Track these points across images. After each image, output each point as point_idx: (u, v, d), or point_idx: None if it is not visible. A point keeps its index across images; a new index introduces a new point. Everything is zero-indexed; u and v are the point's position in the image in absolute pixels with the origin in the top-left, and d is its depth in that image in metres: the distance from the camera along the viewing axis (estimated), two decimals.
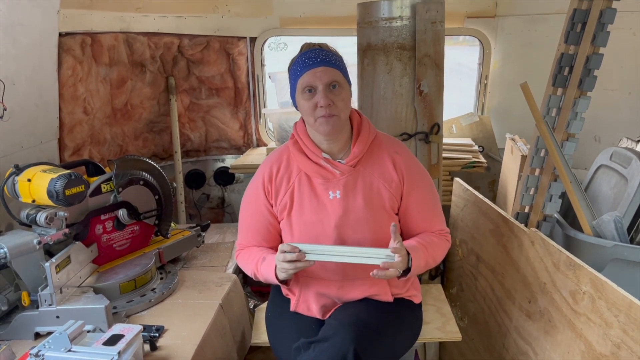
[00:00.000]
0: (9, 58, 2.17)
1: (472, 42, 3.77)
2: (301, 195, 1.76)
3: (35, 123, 2.45)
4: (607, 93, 3.30)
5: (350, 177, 1.73)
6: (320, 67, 1.64)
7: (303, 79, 1.66)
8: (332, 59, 1.68)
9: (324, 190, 1.74)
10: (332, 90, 1.65)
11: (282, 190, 1.78)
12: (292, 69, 1.72)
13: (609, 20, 2.21)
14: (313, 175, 1.75)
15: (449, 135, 3.69)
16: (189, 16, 3.42)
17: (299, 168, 1.77)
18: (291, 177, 1.78)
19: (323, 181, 1.74)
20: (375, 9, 2.40)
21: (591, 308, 1.64)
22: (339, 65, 1.69)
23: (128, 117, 3.34)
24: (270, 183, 1.79)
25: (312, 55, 1.66)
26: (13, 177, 1.89)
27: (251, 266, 1.81)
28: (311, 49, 1.70)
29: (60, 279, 1.80)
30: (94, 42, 2.89)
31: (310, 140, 1.76)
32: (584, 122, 2.32)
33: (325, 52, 1.69)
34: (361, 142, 1.74)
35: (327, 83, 1.64)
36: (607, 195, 2.48)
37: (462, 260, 2.69)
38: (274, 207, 1.80)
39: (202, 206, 3.95)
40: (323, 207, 1.74)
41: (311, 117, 1.67)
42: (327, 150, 1.75)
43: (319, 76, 1.64)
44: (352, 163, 1.73)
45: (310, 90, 1.65)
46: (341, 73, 1.69)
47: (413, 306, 1.88)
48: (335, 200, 1.73)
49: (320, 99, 1.63)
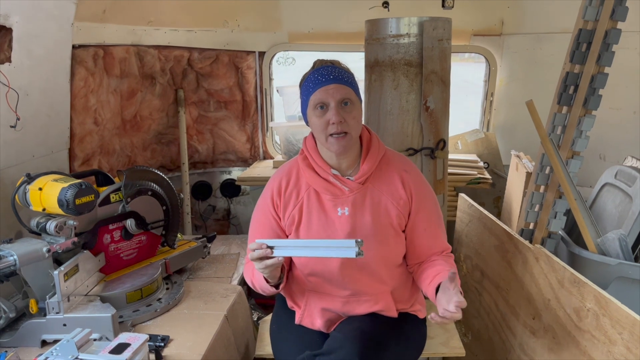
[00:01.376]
0: (24, 69, 2.22)
1: (478, 58, 3.81)
2: (309, 211, 1.76)
3: (47, 133, 2.49)
4: (612, 112, 3.32)
5: (358, 194, 1.74)
6: (333, 85, 1.65)
7: (315, 96, 1.67)
8: (344, 76, 1.69)
9: (332, 207, 1.75)
10: (344, 108, 1.66)
11: (291, 205, 1.78)
12: (304, 85, 1.72)
13: (614, 41, 2.24)
14: (322, 191, 1.76)
15: (454, 151, 3.72)
16: (199, 30, 3.48)
17: (308, 184, 1.78)
18: (300, 192, 1.78)
19: (332, 197, 1.75)
20: (383, 26, 2.44)
21: (595, 325, 1.64)
22: (351, 83, 1.70)
23: (137, 128, 3.39)
24: (279, 196, 1.80)
25: (325, 72, 1.67)
26: (24, 185, 1.92)
27: (249, 275, 1.81)
28: (324, 65, 1.71)
29: (68, 287, 1.83)
30: (106, 55, 2.94)
31: (319, 157, 1.77)
32: (589, 141, 2.34)
33: (337, 69, 1.70)
34: (370, 160, 1.75)
35: (339, 100, 1.65)
36: (611, 213, 2.49)
37: (466, 275, 2.69)
38: (281, 221, 1.81)
39: (207, 217, 3.97)
40: (331, 224, 1.74)
41: (322, 134, 1.68)
42: (336, 167, 1.76)
43: (331, 93, 1.65)
44: (361, 180, 1.74)
45: (322, 107, 1.66)
46: (353, 90, 1.70)
47: (417, 321, 1.88)
48: (344, 217, 1.73)
49: (332, 115, 1.64)
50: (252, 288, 1.83)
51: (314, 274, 1.77)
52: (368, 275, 1.75)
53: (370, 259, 1.72)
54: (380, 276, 1.76)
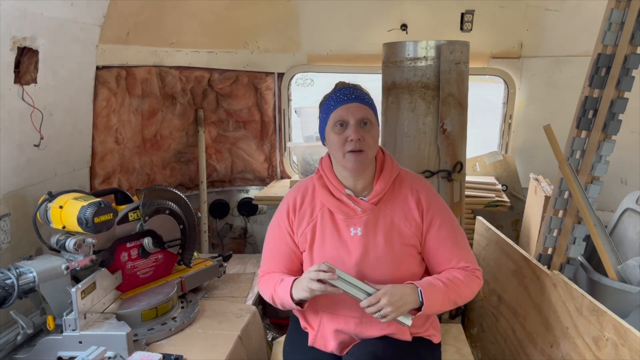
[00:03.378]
0: (48, 89, 2.28)
1: (496, 79, 3.80)
2: (323, 230, 1.78)
3: (69, 151, 2.54)
4: (634, 136, 3.27)
5: (371, 215, 1.75)
6: (354, 103, 1.70)
7: (336, 113, 1.70)
8: (365, 97, 1.74)
9: (345, 227, 1.76)
10: (363, 127, 1.69)
11: (305, 222, 1.80)
12: (325, 103, 1.76)
13: (634, 66, 2.23)
14: (335, 211, 1.77)
15: (472, 173, 3.69)
16: (220, 51, 3.54)
17: (323, 202, 1.80)
18: (314, 211, 1.80)
19: (344, 217, 1.76)
20: (401, 49, 2.46)
21: (614, 355, 1.61)
22: (371, 104, 1.75)
23: (157, 147, 3.44)
24: (294, 212, 1.82)
25: (347, 92, 1.73)
26: (46, 203, 1.96)
27: (270, 289, 1.81)
28: (346, 86, 1.77)
29: (85, 304, 1.85)
30: (129, 75, 3.01)
31: (334, 176, 1.79)
32: (610, 165, 2.31)
33: (358, 90, 1.76)
34: (384, 180, 1.76)
35: (359, 119, 1.68)
36: (632, 239, 2.44)
37: (483, 300, 2.65)
38: (295, 237, 1.82)
39: (224, 236, 3.99)
40: (344, 244, 1.75)
41: (340, 151, 1.70)
42: (351, 187, 1.77)
43: (352, 111, 1.69)
44: (374, 201, 1.75)
45: (342, 125, 1.69)
46: (372, 112, 1.74)
47: (432, 346, 1.86)
48: (356, 237, 1.74)
49: (351, 133, 1.67)
50: (269, 302, 1.83)
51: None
52: None
53: (384, 279, 1.71)
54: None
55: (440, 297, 1.66)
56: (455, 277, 1.72)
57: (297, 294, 1.68)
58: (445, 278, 1.71)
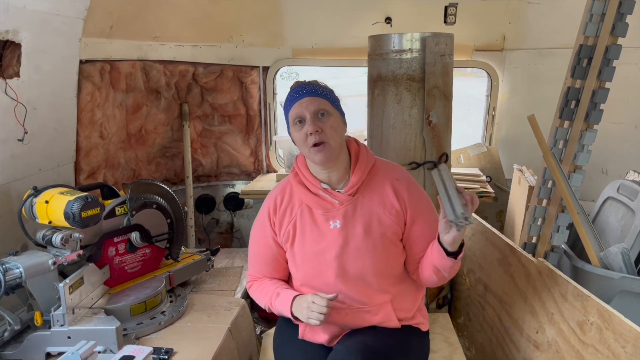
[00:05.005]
0: (32, 83, 2.25)
1: (480, 73, 3.84)
2: (303, 227, 1.79)
3: (53, 146, 2.52)
4: (614, 126, 3.34)
5: (349, 206, 1.76)
6: (306, 98, 1.70)
7: (292, 111, 1.72)
8: (318, 90, 1.73)
9: (324, 221, 1.77)
10: (320, 118, 1.69)
11: (285, 222, 1.82)
12: (284, 105, 1.78)
13: (615, 56, 2.26)
14: (313, 206, 1.78)
15: (457, 165, 3.73)
16: (204, 45, 3.53)
17: (301, 200, 1.81)
18: (294, 209, 1.81)
19: (323, 212, 1.77)
20: (386, 41, 2.47)
21: (599, 339, 1.64)
22: (325, 95, 1.74)
23: (142, 142, 3.42)
24: (275, 213, 1.83)
25: (299, 89, 1.73)
26: (31, 198, 1.94)
27: (265, 301, 1.84)
28: (299, 85, 1.77)
29: (72, 299, 1.83)
30: (113, 69, 2.98)
31: (309, 172, 1.79)
32: (591, 155, 2.35)
33: (312, 85, 1.75)
34: (359, 171, 1.77)
35: (313, 111, 1.69)
36: (614, 227, 2.49)
37: (469, 289, 2.69)
38: (278, 237, 1.84)
39: (211, 231, 3.98)
40: (324, 238, 1.76)
41: (305, 147, 1.71)
42: (326, 181, 1.78)
43: (305, 106, 1.69)
44: (351, 192, 1.76)
45: (301, 121, 1.70)
46: (329, 102, 1.73)
47: (420, 334, 1.88)
48: (336, 230, 1.75)
49: (308, 126, 1.68)
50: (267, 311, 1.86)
51: (313, 286, 1.78)
52: (366, 286, 1.76)
53: (365, 269, 1.74)
54: (378, 286, 1.77)
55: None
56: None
57: (298, 313, 1.70)
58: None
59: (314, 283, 1.78)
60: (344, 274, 1.74)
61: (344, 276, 1.74)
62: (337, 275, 1.74)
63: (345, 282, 1.74)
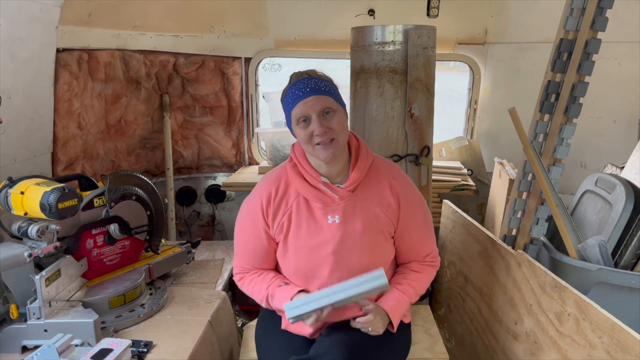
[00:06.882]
0: (7, 72, 2.20)
1: (462, 67, 3.85)
2: (299, 219, 1.77)
3: (30, 136, 2.46)
4: (593, 121, 3.38)
5: (349, 202, 1.75)
6: (311, 97, 1.66)
7: (296, 111, 1.68)
8: (321, 86, 1.69)
9: (322, 215, 1.75)
10: (326, 117, 1.67)
11: (280, 213, 1.78)
12: (285, 100, 1.73)
13: (594, 50, 2.28)
14: (312, 199, 1.76)
15: (438, 158, 3.75)
16: (185, 35, 3.48)
17: (297, 191, 1.78)
18: (289, 201, 1.78)
19: (322, 205, 1.75)
20: (369, 33, 2.46)
21: (576, 329, 1.67)
22: (329, 91, 1.70)
23: (122, 133, 3.36)
24: (269, 205, 1.79)
25: (302, 86, 1.68)
26: (6, 189, 1.90)
27: (258, 298, 1.83)
28: (300, 78, 1.71)
29: (49, 292, 1.80)
30: (91, 59, 2.92)
31: (308, 164, 1.77)
32: (570, 149, 2.38)
33: (314, 79, 1.70)
34: (360, 168, 1.76)
35: (319, 111, 1.66)
36: (592, 219, 2.53)
37: (450, 281, 2.71)
38: (270, 229, 1.80)
39: (192, 223, 3.95)
40: (321, 232, 1.75)
41: (309, 145, 1.69)
42: (325, 174, 1.76)
43: (310, 105, 1.65)
44: (351, 188, 1.75)
45: (305, 120, 1.67)
46: (333, 98, 1.70)
47: (403, 326, 1.88)
48: (334, 225, 1.74)
49: (315, 127, 1.65)
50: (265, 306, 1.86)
51: (306, 278, 1.78)
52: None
53: (360, 264, 1.73)
54: None
55: (405, 307, 1.80)
56: (413, 278, 1.83)
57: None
58: (403, 287, 1.80)
59: (306, 276, 1.78)
60: (339, 269, 1.74)
61: (338, 271, 1.74)
62: (331, 270, 1.74)
63: (339, 277, 1.73)
